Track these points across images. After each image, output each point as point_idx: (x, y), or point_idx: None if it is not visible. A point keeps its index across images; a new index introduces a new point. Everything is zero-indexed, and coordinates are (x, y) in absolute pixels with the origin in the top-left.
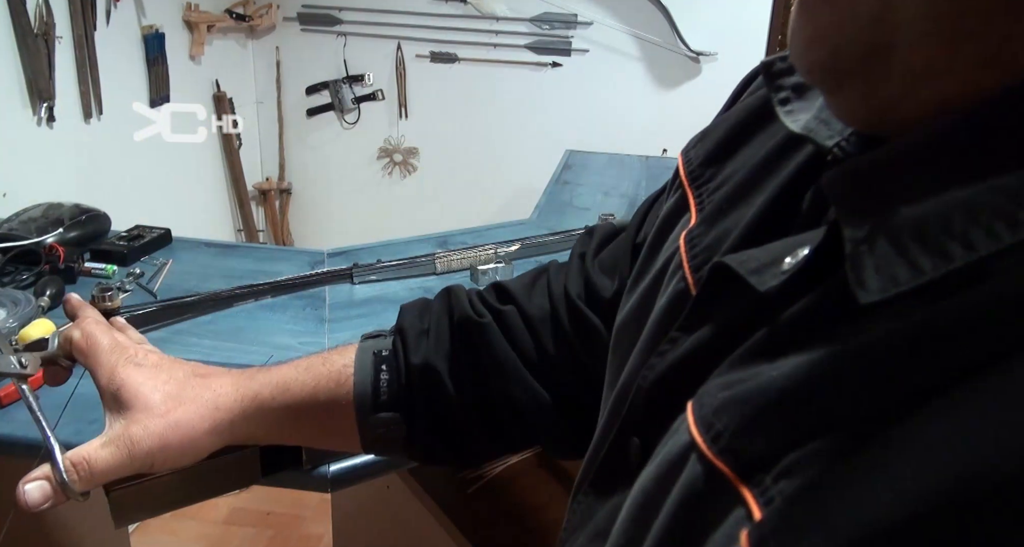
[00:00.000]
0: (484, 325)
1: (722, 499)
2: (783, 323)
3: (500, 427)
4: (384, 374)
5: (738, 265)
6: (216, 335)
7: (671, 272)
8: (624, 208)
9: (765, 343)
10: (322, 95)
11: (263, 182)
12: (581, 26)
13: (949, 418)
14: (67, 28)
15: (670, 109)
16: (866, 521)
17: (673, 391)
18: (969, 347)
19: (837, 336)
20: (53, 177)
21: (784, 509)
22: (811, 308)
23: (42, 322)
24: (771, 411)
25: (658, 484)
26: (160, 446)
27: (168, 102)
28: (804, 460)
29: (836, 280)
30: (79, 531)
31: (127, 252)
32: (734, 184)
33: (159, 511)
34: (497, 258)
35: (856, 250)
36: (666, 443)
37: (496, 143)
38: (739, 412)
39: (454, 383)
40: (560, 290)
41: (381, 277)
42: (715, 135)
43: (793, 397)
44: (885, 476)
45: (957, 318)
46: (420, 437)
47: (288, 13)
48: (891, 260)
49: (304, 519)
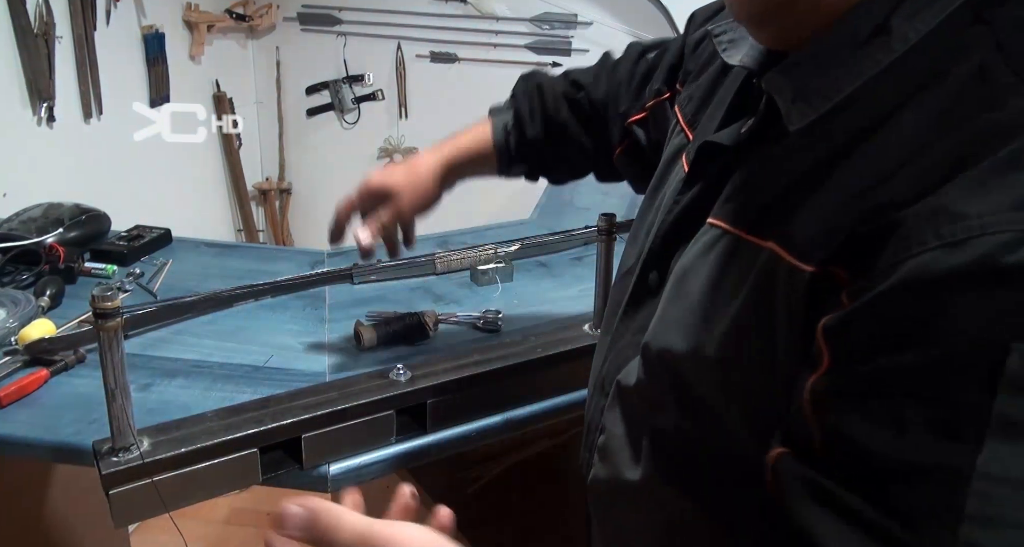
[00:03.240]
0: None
1: (745, 253)
2: (749, 159)
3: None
4: (508, 135)
5: (715, 138)
6: (216, 335)
7: (675, 175)
8: (624, 208)
9: (743, 172)
10: (322, 95)
11: (263, 182)
12: (581, 26)
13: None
14: (67, 28)
15: None
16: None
17: (678, 233)
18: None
19: (787, 146)
20: (53, 177)
21: (790, 233)
22: (765, 146)
23: (42, 322)
24: (767, 193)
25: (691, 260)
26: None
27: (168, 102)
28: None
29: (775, 131)
30: (79, 531)
31: (127, 252)
32: (708, 115)
33: (159, 511)
34: (497, 258)
35: (787, 107)
36: (687, 253)
37: None
38: (747, 203)
39: (531, 127)
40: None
41: (381, 277)
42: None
43: (780, 183)
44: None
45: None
46: (523, 152)
47: (288, 13)
48: (802, 107)
49: None
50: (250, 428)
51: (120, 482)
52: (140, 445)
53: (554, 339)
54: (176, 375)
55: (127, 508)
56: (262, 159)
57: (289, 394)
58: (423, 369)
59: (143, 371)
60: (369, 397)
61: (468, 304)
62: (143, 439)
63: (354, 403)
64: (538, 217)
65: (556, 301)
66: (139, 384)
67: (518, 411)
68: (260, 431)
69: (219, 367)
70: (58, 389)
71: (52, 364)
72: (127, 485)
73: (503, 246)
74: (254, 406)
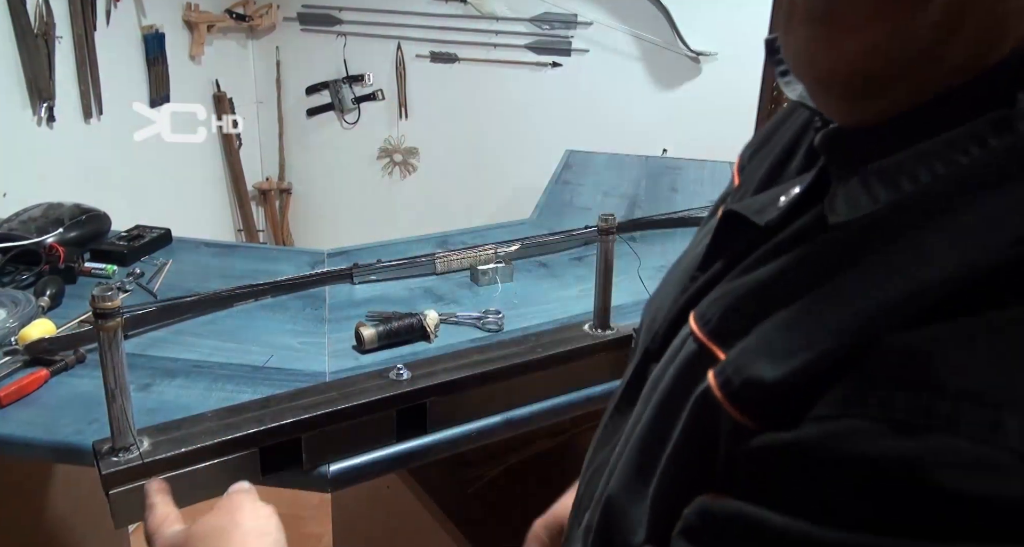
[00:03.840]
0: None
1: (704, 364)
2: (772, 244)
3: None
4: None
5: (743, 209)
6: (216, 335)
7: (706, 232)
8: (624, 208)
9: (756, 259)
10: (322, 95)
11: (263, 182)
12: (581, 26)
13: (864, 275)
14: (67, 28)
15: (670, 109)
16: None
17: (686, 318)
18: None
19: (808, 245)
20: (53, 177)
21: (741, 349)
22: (794, 232)
23: (42, 322)
24: (748, 296)
25: (662, 369)
26: None
27: (168, 102)
28: (768, 323)
29: (816, 212)
30: (79, 531)
31: (127, 252)
32: (760, 158)
33: None
34: (497, 258)
35: (835, 186)
36: (672, 343)
37: (496, 143)
38: (724, 302)
39: None
40: None
41: (381, 277)
42: (763, 132)
43: (766, 285)
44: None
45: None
46: None
47: (288, 13)
48: (857, 192)
49: (304, 519)
50: (250, 428)
51: (120, 482)
52: (140, 445)
53: (554, 339)
54: (176, 375)
55: (127, 508)
56: (262, 159)
57: (289, 394)
58: (423, 369)
59: (143, 371)
60: (369, 397)
61: (468, 304)
62: (143, 439)
63: (354, 403)
64: (538, 217)
65: (556, 301)
66: (139, 384)
67: (518, 411)
68: (260, 431)
69: (219, 367)
70: (58, 389)
71: (52, 364)
72: (127, 485)
73: (503, 246)
74: (254, 406)
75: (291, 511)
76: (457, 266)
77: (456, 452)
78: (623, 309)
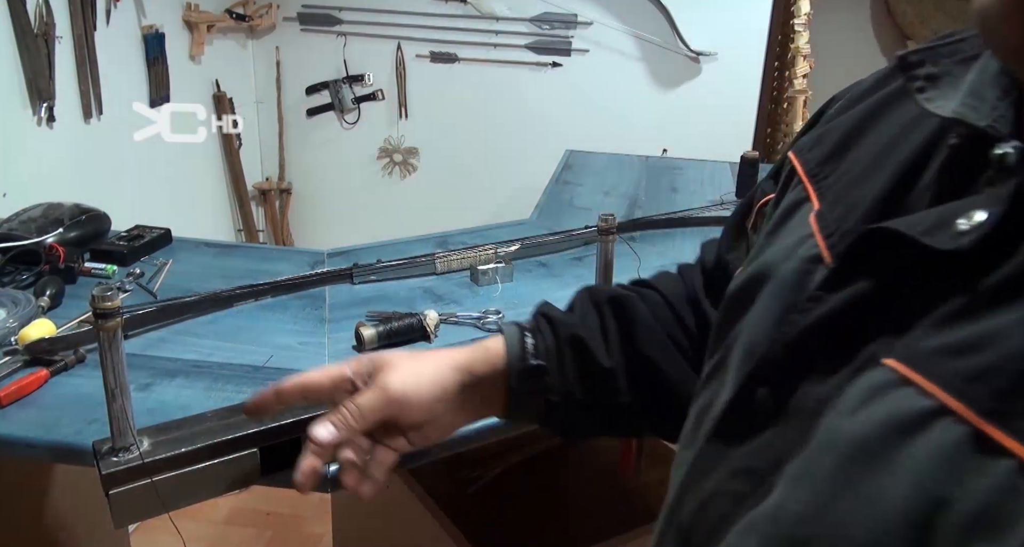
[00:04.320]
0: (631, 297)
1: (988, 460)
2: (988, 286)
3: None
4: (529, 338)
5: (906, 228)
6: (216, 335)
7: (792, 246)
8: (624, 208)
9: (971, 306)
10: (322, 95)
11: (263, 182)
12: (581, 26)
13: None
14: (67, 28)
15: (670, 109)
16: None
17: (823, 344)
18: None
19: None
20: (53, 177)
21: None
22: (1016, 271)
23: (42, 322)
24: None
25: (880, 435)
26: (409, 378)
27: (168, 102)
28: None
29: None
30: (79, 531)
31: (127, 252)
32: (856, 170)
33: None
34: (497, 258)
35: None
36: (870, 398)
37: (496, 143)
38: (999, 380)
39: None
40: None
41: (381, 277)
42: (830, 139)
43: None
44: None
45: None
46: (563, 406)
47: (288, 13)
48: None
49: (304, 519)
50: (250, 428)
51: (120, 482)
52: (140, 445)
53: None
54: (176, 375)
55: (127, 508)
56: (262, 159)
57: None
58: None
59: (143, 371)
60: None
61: (468, 304)
62: (143, 439)
63: None
64: (538, 217)
65: (556, 301)
66: (139, 384)
67: None
68: (260, 431)
69: (219, 367)
70: (58, 389)
71: (52, 364)
72: (127, 485)
73: (503, 246)
74: None
75: (291, 511)
76: (457, 266)
77: (456, 452)
78: None
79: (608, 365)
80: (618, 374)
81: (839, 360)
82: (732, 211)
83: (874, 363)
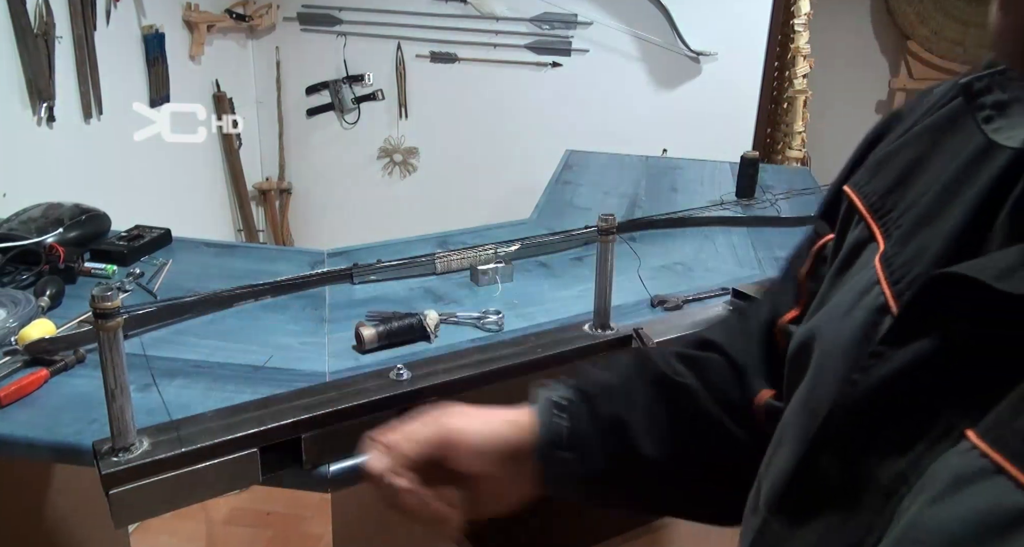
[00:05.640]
0: (685, 385)
1: None
2: None
3: (693, 483)
4: (561, 419)
5: (977, 272)
6: (216, 335)
7: (859, 292)
8: (624, 208)
9: None
10: (322, 95)
11: (263, 182)
12: (581, 26)
13: None
14: (67, 28)
15: (670, 109)
16: None
17: (890, 407)
18: None
19: None
20: (53, 177)
21: None
22: None
23: (42, 322)
24: None
25: (975, 532)
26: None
27: (168, 102)
28: None
29: None
30: (79, 531)
31: (127, 252)
32: (924, 206)
33: (159, 511)
34: (497, 258)
35: None
36: (957, 486)
37: (496, 143)
38: None
39: (648, 440)
40: (761, 332)
41: (381, 277)
42: (889, 170)
43: None
44: None
45: None
46: (599, 483)
47: (288, 13)
48: None
49: (304, 519)
50: (250, 428)
51: (120, 482)
52: (140, 445)
53: (554, 339)
54: (176, 375)
55: (127, 508)
56: (262, 159)
57: (289, 394)
58: (423, 369)
59: (143, 371)
60: (369, 397)
61: (468, 304)
62: (143, 439)
63: (354, 403)
64: (538, 217)
65: (556, 301)
66: (139, 384)
67: None
68: (260, 431)
69: (219, 367)
70: (58, 389)
71: (52, 364)
72: (127, 485)
73: (503, 246)
74: (254, 406)
75: (291, 511)
76: (457, 266)
77: None
78: (623, 309)
79: (652, 455)
80: (663, 464)
81: (910, 428)
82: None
83: (954, 436)
